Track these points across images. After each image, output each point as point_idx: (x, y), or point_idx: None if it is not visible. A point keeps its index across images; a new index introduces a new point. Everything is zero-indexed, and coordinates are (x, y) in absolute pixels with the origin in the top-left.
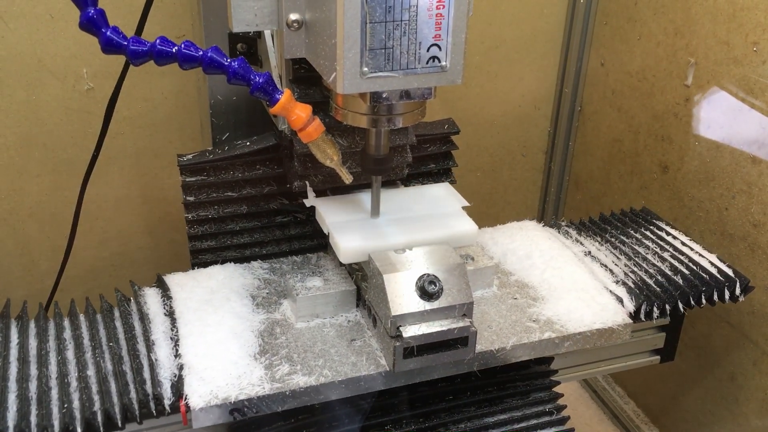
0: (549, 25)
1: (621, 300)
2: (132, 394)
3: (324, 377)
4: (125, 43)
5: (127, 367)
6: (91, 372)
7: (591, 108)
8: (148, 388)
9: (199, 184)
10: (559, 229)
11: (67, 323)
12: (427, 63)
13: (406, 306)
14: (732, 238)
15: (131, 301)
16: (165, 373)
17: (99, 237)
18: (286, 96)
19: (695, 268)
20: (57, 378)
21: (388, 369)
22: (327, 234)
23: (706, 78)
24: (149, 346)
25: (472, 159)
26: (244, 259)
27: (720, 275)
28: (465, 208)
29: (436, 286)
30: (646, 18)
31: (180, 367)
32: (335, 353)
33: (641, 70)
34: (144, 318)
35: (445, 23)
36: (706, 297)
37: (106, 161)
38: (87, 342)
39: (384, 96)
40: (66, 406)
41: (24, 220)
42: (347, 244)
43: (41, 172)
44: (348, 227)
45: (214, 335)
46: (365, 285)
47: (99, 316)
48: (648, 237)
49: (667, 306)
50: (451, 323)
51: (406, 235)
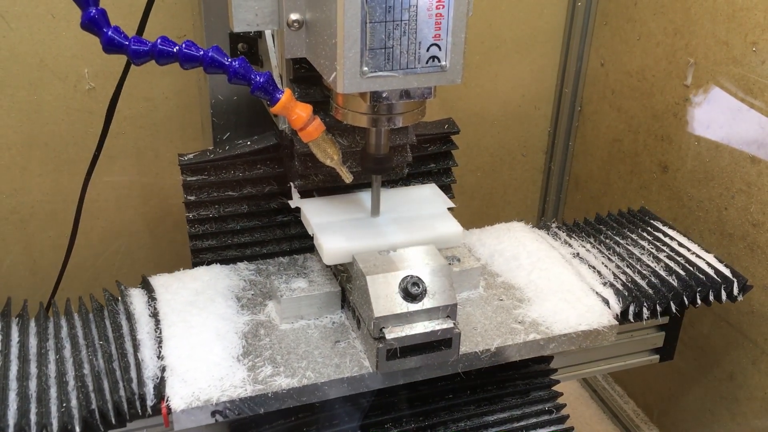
0: (549, 25)
1: (607, 302)
2: (122, 392)
3: (307, 379)
4: (126, 43)
5: (117, 365)
6: (87, 370)
7: (591, 108)
8: (134, 386)
9: (200, 183)
10: (548, 231)
11: (64, 322)
12: (427, 63)
13: (389, 307)
14: (731, 237)
15: (119, 301)
16: (149, 374)
17: (100, 236)
18: (286, 95)
19: (691, 268)
20: (56, 377)
21: (371, 371)
22: (312, 235)
23: (705, 78)
24: (136, 345)
25: (472, 159)
26: (244, 259)
27: (717, 275)
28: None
29: (419, 287)
30: (645, 18)
31: (162, 369)
32: (319, 355)
33: (641, 70)
34: (131, 318)
35: (445, 23)
36: (701, 297)
37: (107, 161)
38: (82, 341)
39: (384, 95)
40: (65, 405)
41: (26, 219)
42: (331, 245)
43: (43, 171)
44: (332, 228)
45: (197, 337)
46: (350, 286)
47: (91, 315)
48: (644, 237)
49: (659, 307)
50: (435, 325)
51: (390, 237)
